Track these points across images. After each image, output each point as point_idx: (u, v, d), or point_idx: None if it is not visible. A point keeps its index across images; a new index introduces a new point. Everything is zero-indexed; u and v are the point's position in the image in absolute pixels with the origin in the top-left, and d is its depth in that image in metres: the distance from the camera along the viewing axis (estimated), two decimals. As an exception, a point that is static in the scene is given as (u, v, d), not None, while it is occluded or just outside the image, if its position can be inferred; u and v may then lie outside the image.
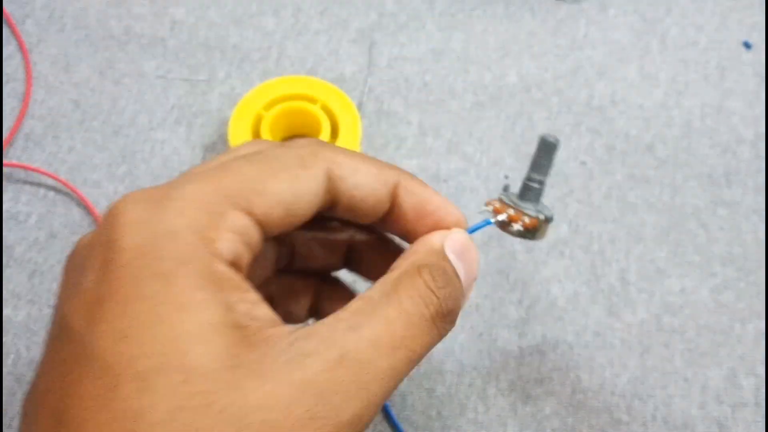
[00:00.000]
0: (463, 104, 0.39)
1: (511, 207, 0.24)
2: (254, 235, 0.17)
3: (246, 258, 0.17)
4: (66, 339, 0.16)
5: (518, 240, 0.35)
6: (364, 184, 0.19)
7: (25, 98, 0.38)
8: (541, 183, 0.24)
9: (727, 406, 0.32)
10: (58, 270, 0.34)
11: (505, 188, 0.25)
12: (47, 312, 0.33)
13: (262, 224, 0.17)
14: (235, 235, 0.17)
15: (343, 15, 0.42)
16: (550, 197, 0.36)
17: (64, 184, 0.36)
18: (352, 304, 0.18)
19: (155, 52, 0.40)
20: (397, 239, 0.22)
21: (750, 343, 0.33)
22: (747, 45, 0.41)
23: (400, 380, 0.17)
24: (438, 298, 0.18)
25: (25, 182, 0.36)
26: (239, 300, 0.16)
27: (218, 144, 0.37)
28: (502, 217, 0.24)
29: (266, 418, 0.15)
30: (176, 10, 0.42)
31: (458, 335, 0.33)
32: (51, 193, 0.36)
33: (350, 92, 0.39)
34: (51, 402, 0.16)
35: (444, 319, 0.19)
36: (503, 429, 0.31)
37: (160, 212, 0.16)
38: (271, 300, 0.21)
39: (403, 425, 0.31)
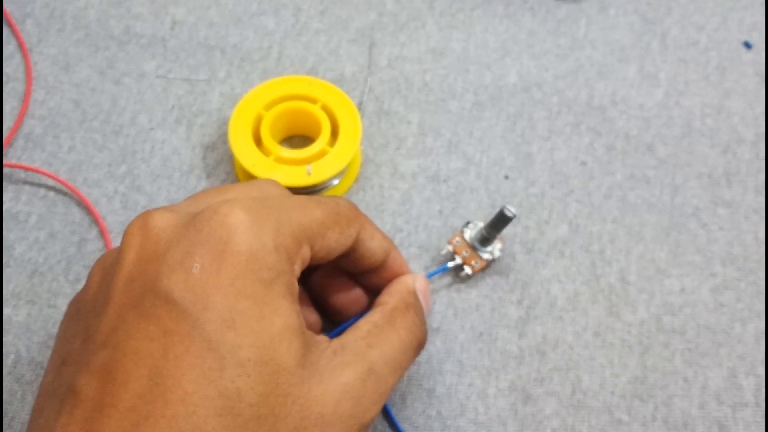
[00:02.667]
0: (463, 104, 0.39)
1: (468, 247, 0.33)
2: (307, 262, 0.22)
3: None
4: (170, 312, 0.18)
5: (518, 240, 0.35)
6: (376, 248, 0.25)
7: (25, 98, 0.38)
8: (495, 237, 0.33)
9: (728, 407, 0.32)
10: (58, 270, 0.34)
11: (467, 223, 0.34)
12: (47, 312, 0.33)
13: (313, 257, 0.22)
14: (302, 261, 0.21)
15: (344, 15, 0.42)
16: (550, 197, 0.36)
17: (64, 184, 0.36)
18: (363, 327, 0.23)
19: (155, 52, 0.40)
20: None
21: (750, 343, 0.33)
22: (748, 45, 0.41)
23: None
24: (421, 331, 0.25)
25: (25, 182, 0.36)
26: (302, 311, 0.21)
27: (218, 144, 0.37)
28: (457, 261, 0.33)
29: (322, 411, 0.19)
30: (176, 10, 0.42)
31: (458, 335, 0.33)
32: (51, 193, 0.36)
33: (350, 92, 0.39)
34: (148, 362, 0.18)
35: (422, 346, 0.25)
36: (503, 429, 0.31)
37: (266, 228, 0.20)
38: None
39: (402, 425, 0.31)
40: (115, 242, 0.35)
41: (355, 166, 0.37)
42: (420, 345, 0.25)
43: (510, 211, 0.30)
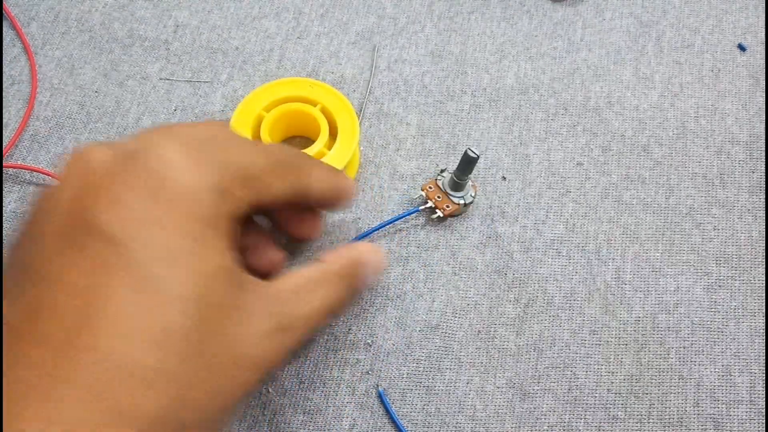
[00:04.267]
0: (461, 106, 0.39)
1: (441, 193, 0.35)
2: (249, 206, 0.22)
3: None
4: (106, 247, 0.18)
5: (515, 239, 0.35)
6: (325, 191, 0.25)
7: (31, 100, 0.39)
8: (465, 180, 0.34)
9: (722, 404, 0.32)
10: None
11: (442, 171, 0.35)
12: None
13: (258, 203, 0.22)
14: (246, 204, 0.21)
15: (344, 18, 0.42)
16: (547, 197, 0.37)
17: (69, 184, 0.36)
18: (295, 278, 0.23)
19: (158, 55, 0.41)
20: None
21: (744, 340, 0.33)
22: (741, 47, 0.42)
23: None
24: (342, 304, 0.25)
25: (30, 183, 0.37)
26: (264, 249, 0.23)
27: (220, 145, 0.38)
28: (429, 204, 0.35)
29: (244, 352, 0.20)
30: (179, 13, 0.42)
31: (456, 333, 0.33)
32: (56, 194, 0.36)
33: (350, 94, 0.39)
34: (81, 296, 0.17)
35: (337, 316, 0.27)
36: (501, 425, 0.31)
37: (205, 167, 0.20)
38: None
39: (402, 422, 0.31)
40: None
41: (353, 168, 0.37)
42: (336, 315, 0.27)
43: (473, 152, 0.32)
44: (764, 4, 0.43)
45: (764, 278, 0.35)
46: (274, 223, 0.27)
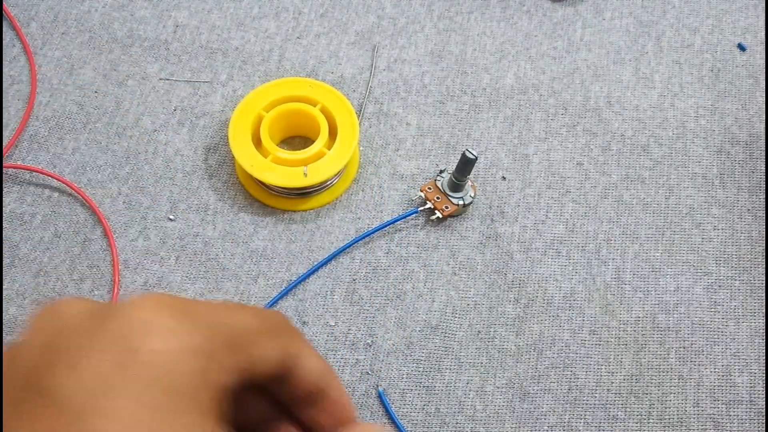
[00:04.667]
0: (461, 106, 0.39)
1: (440, 194, 0.35)
2: (241, 372, 0.19)
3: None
4: (58, 415, 0.16)
5: (515, 239, 0.35)
6: (313, 370, 0.22)
7: (30, 100, 0.39)
8: (464, 181, 0.34)
9: (722, 404, 0.32)
10: (62, 270, 0.34)
11: (441, 171, 0.35)
12: (52, 310, 0.33)
13: (246, 370, 0.20)
14: (236, 370, 0.19)
15: (344, 18, 0.42)
16: (546, 197, 0.37)
17: (68, 185, 0.36)
18: None
19: (158, 55, 0.41)
20: None
21: (744, 341, 0.33)
22: (741, 47, 0.42)
23: None
24: None
25: (30, 183, 0.37)
26: (218, 423, 0.18)
27: (220, 145, 0.38)
28: (428, 206, 0.35)
29: None
30: (179, 14, 0.42)
31: (456, 333, 0.33)
32: (55, 194, 0.36)
33: (350, 94, 0.39)
34: None
35: None
36: (501, 425, 0.31)
37: (185, 327, 0.18)
38: None
39: (402, 422, 0.31)
40: (119, 242, 0.35)
41: (353, 167, 0.37)
42: None
43: (471, 153, 0.32)
44: (764, 4, 0.43)
45: (764, 278, 0.35)
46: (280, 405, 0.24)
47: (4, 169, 0.36)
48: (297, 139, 0.38)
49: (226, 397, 0.18)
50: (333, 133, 0.36)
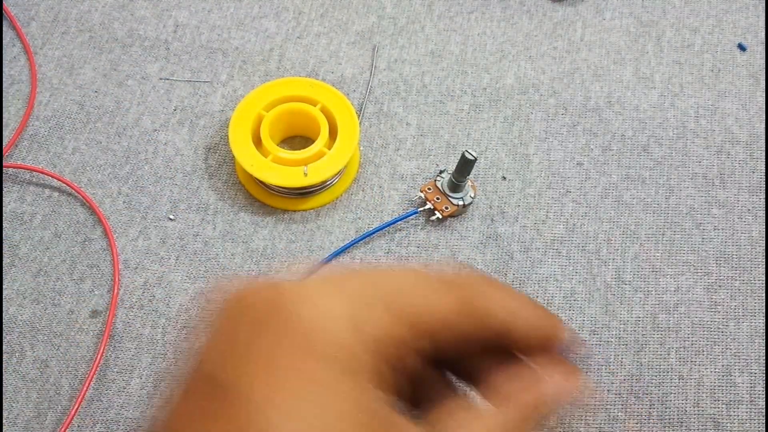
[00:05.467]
0: (461, 106, 0.39)
1: (440, 194, 0.35)
2: (418, 353, 0.19)
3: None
4: (213, 392, 0.17)
5: (515, 239, 0.35)
6: (521, 325, 0.20)
7: (30, 100, 0.39)
8: (463, 182, 0.34)
9: (722, 404, 0.32)
10: (62, 269, 0.34)
11: (441, 172, 0.35)
12: (51, 311, 0.33)
13: (439, 351, 0.19)
14: (413, 351, 0.19)
15: (344, 18, 0.42)
16: (547, 197, 0.37)
17: (69, 184, 0.36)
18: (470, 423, 0.19)
19: (158, 55, 0.41)
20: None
21: (744, 340, 0.33)
22: (741, 47, 0.42)
23: None
24: None
25: (30, 183, 0.37)
26: (377, 394, 0.18)
27: (220, 145, 0.38)
28: (428, 206, 0.35)
29: None
30: (179, 13, 0.42)
31: (456, 333, 0.33)
32: (55, 194, 0.36)
33: (350, 94, 0.39)
34: None
35: None
36: (500, 425, 0.31)
37: (344, 301, 0.18)
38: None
39: (402, 421, 0.31)
40: (119, 242, 0.35)
41: (353, 167, 0.37)
42: None
43: (471, 153, 0.32)
44: (764, 4, 0.43)
45: (764, 278, 0.35)
46: (466, 380, 0.22)
47: (4, 168, 0.36)
48: (297, 139, 0.38)
49: (388, 367, 0.18)
50: (333, 133, 0.36)
